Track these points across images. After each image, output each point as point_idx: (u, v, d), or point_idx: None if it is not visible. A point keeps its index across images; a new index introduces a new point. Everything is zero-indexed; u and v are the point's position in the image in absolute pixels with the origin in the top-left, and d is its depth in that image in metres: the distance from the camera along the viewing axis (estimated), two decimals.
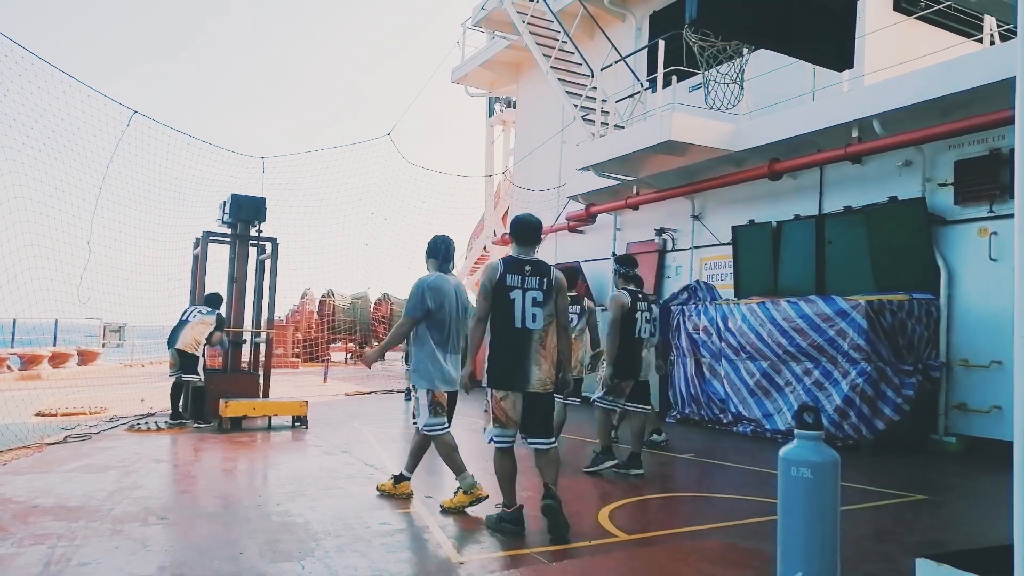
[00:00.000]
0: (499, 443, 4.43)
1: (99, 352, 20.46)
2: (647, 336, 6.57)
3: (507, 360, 4.35)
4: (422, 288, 5.05)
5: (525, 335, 4.35)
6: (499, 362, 4.37)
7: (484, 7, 15.48)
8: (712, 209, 11.30)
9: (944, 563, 2.37)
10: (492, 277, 4.42)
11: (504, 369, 4.36)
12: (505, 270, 4.40)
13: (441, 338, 5.07)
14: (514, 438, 4.45)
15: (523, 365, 4.34)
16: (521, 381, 4.35)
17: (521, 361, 4.34)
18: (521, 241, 4.58)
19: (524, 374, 4.34)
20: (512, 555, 3.97)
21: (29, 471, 5.90)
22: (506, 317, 4.36)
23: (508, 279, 4.37)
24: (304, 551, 3.96)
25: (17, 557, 3.74)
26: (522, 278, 4.38)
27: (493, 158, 20.54)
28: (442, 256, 5.25)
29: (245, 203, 9.60)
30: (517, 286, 4.36)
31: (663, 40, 10.48)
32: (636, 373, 6.43)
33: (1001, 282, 7.47)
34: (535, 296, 4.37)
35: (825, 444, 3.08)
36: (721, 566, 3.86)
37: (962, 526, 4.92)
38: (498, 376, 4.38)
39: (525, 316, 4.34)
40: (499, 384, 4.39)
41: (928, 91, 7.71)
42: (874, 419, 7.36)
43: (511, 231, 4.67)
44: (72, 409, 9.74)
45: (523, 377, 4.34)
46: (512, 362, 4.35)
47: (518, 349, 4.34)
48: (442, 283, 5.10)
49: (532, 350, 4.35)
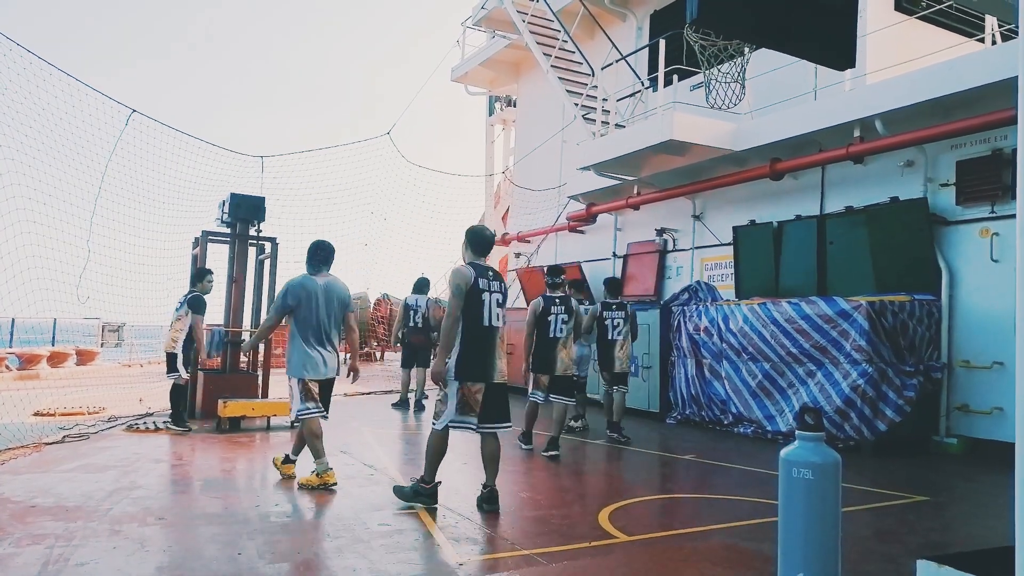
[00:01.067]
0: (456, 427, 4.89)
1: (98, 352, 20.43)
2: (563, 336, 7.24)
3: (478, 355, 4.85)
4: (285, 288, 5.76)
5: (492, 332, 4.91)
6: (471, 357, 4.85)
7: (484, 6, 15.47)
8: (713, 209, 11.28)
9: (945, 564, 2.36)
10: (467, 281, 4.87)
11: (476, 363, 4.85)
12: (477, 275, 4.90)
13: (308, 332, 5.65)
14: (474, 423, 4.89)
15: (491, 359, 4.89)
16: (490, 373, 4.88)
17: (489, 356, 4.88)
18: (477, 251, 5.08)
19: (492, 367, 4.89)
20: (512, 556, 3.95)
21: (27, 471, 5.88)
22: (477, 317, 4.86)
23: (480, 283, 4.88)
24: (303, 551, 3.94)
25: (15, 557, 3.72)
26: (488, 282, 4.92)
27: (493, 157, 20.53)
28: (312, 259, 5.89)
29: (244, 203, 9.57)
30: (486, 289, 4.90)
31: (664, 39, 10.46)
32: (552, 368, 7.22)
33: (1003, 283, 7.45)
34: (498, 299, 4.96)
35: (826, 445, 3.07)
36: (722, 567, 3.84)
37: (963, 527, 4.90)
38: (470, 370, 4.85)
39: (491, 316, 4.90)
40: (472, 377, 4.85)
41: (930, 91, 7.69)
42: (875, 420, 7.35)
43: (468, 241, 5.11)
44: (70, 409, 9.72)
45: (491, 370, 4.89)
46: (482, 357, 4.86)
47: (487, 345, 4.89)
48: (307, 283, 5.73)
49: (496, 346, 4.93)
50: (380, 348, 24.45)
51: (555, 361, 7.24)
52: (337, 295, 5.87)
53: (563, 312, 7.28)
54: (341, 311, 5.88)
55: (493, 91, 19.46)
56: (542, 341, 7.26)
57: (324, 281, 5.83)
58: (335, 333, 5.86)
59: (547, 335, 7.23)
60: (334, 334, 5.84)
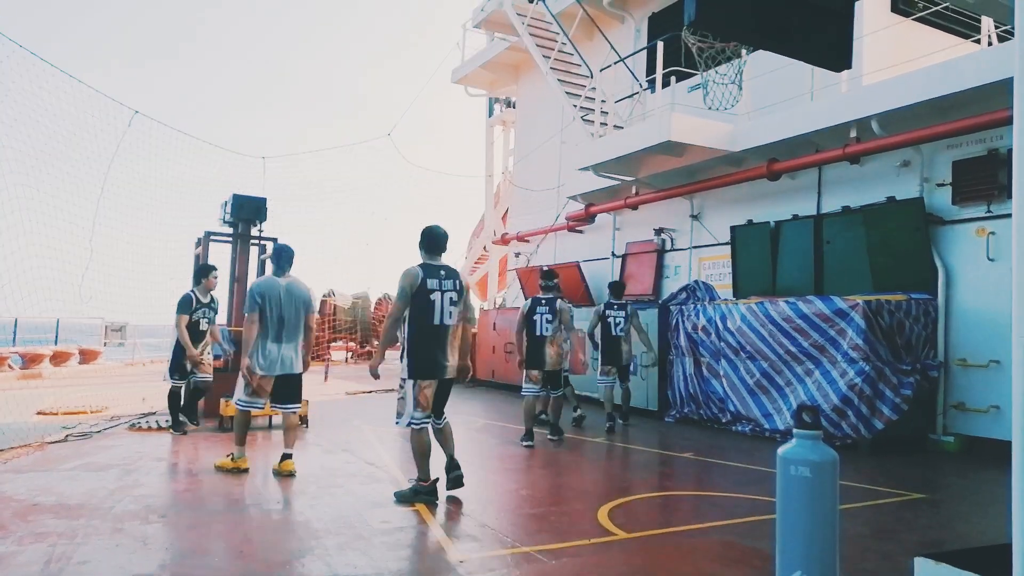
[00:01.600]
0: (418, 425, 5.06)
1: (100, 351, 20.45)
2: (548, 334, 7.85)
3: (429, 354, 5.02)
4: (251, 289, 6.14)
5: (443, 330, 5.05)
6: (423, 355, 5.02)
7: (484, 9, 15.51)
8: (711, 209, 11.32)
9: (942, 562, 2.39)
10: (413, 283, 5.00)
11: (428, 361, 5.03)
12: (425, 275, 5.02)
13: (266, 330, 5.99)
14: (430, 419, 5.14)
15: (442, 357, 5.05)
16: (440, 370, 5.06)
17: (440, 354, 5.04)
18: (430, 250, 5.19)
19: (443, 365, 5.07)
20: (512, 553, 3.98)
21: (30, 469, 5.92)
22: (427, 316, 5.01)
23: (429, 283, 5.00)
24: (305, 549, 3.97)
25: (18, 555, 3.75)
26: (439, 281, 5.05)
27: (493, 158, 20.55)
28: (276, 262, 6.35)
29: (246, 203, 9.60)
30: (436, 288, 5.02)
31: (662, 41, 10.50)
32: (542, 364, 7.81)
33: (999, 282, 7.49)
34: (451, 297, 5.07)
35: (824, 443, 3.10)
36: (720, 564, 3.88)
37: (960, 525, 4.93)
38: (423, 368, 5.03)
39: (443, 314, 5.03)
40: (425, 375, 5.03)
41: (926, 91, 7.73)
42: (872, 418, 7.38)
43: (421, 241, 5.23)
44: (73, 408, 9.74)
45: (442, 367, 5.06)
46: (433, 355, 5.02)
47: (437, 343, 5.04)
48: (270, 284, 6.13)
49: (447, 343, 5.07)
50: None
51: (543, 357, 7.86)
52: (301, 297, 6.23)
53: (548, 312, 7.88)
54: (304, 311, 6.21)
55: (493, 93, 19.48)
56: (531, 339, 7.90)
57: (287, 283, 6.19)
58: (297, 332, 6.17)
59: (534, 333, 7.89)
60: (296, 333, 6.16)
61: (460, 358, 5.21)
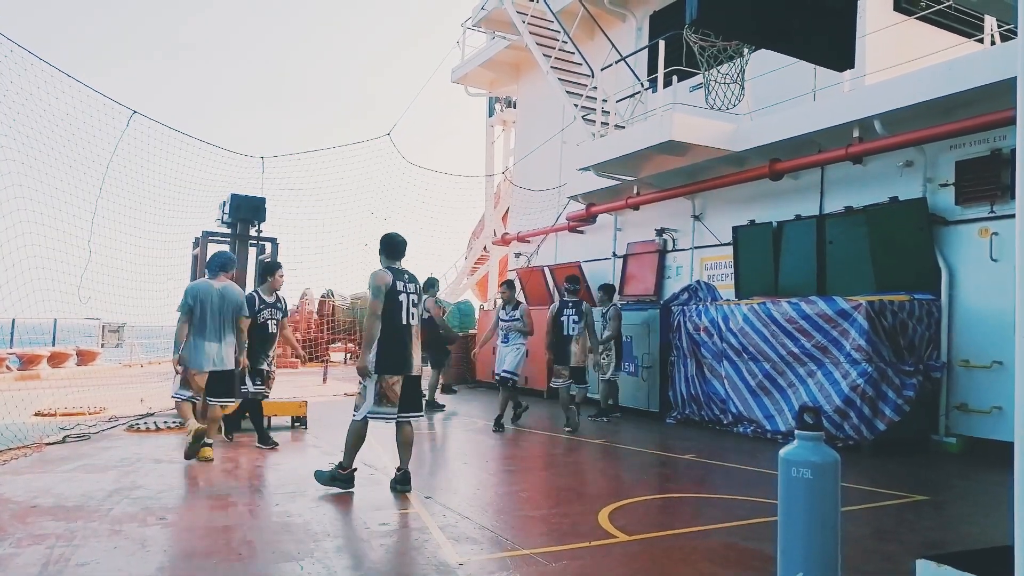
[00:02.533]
0: (375, 417, 5.37)
1: (98, 352, 20.42)
2: (575, 333, 8.92)
3: (396, 351, 5.33)
4: (186, 292, 6.60)
5: (408, 330, 5.39)
6: (391, 352, 5.32)
7: (484, 7, 15.48)
8: (713, 209, 11.29)
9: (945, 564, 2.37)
10: (387, 283, 5.34)
11: (394, 358, 5.33)
12: (395, 278, 5.37)
13: (200, 329, 6.48)
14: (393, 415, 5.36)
15: (407, 354, 5.37)
16: (407, 367, 5.37)
17: (406, 351, 5.36)
18: (390, 255, 5.53)
19: (409, 361, 5.38)
20: (512, 556, 3.96)
21: (28, 471, 5.90)
22: (394, 316, 5.34)
23: (397, 285, 5.36)
24: (303, 551, 3.95)
25: (15, 557, 3.73)
26: (404, 284, 5.41)
27: (493, 158, 20.54)
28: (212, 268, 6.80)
29: (245, 203, 9.59)
30: (403, 291, 5.38)
31: (663, 40, 10.46)
32: (568, 360, 8.91)
33: (1002, 282, 7.45)
34: (413, 299, 5.45)
35: (826, 445, 3.07)
36: (722, 566, 3.85)
37: (963, 527, 4.91)
38: (391, 364, 5.33)
39: (407, 315, 5.38)
40: (390, 370, 5.32)
41: (929, 91, 7.70)
42: (875, 420, 7.35)
43: (382, 247, 5.56)
44: (71, 409, 9.72)
45: (408, 363, 5.37)
46: (399, 352, 5.34)
47: (403, 341, 5.36)
48: (204, 287, 6.60)
49: (412, 341, 5.42)
50: None
51: (569, 354, 8.90)
52: (234, 300, 6.71)
53: (575, 314, 8.94)
54: (235, 313, 6.71)
55: (493, 92, 19.47)
56: (559, 338, 8.93)
57: (221, 286, 6.67)
58: (230, 332, 6.66)
59: (561, 333, 8.93)
60: (230, 331, 6.66)
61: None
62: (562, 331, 8.91)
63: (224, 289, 6.66)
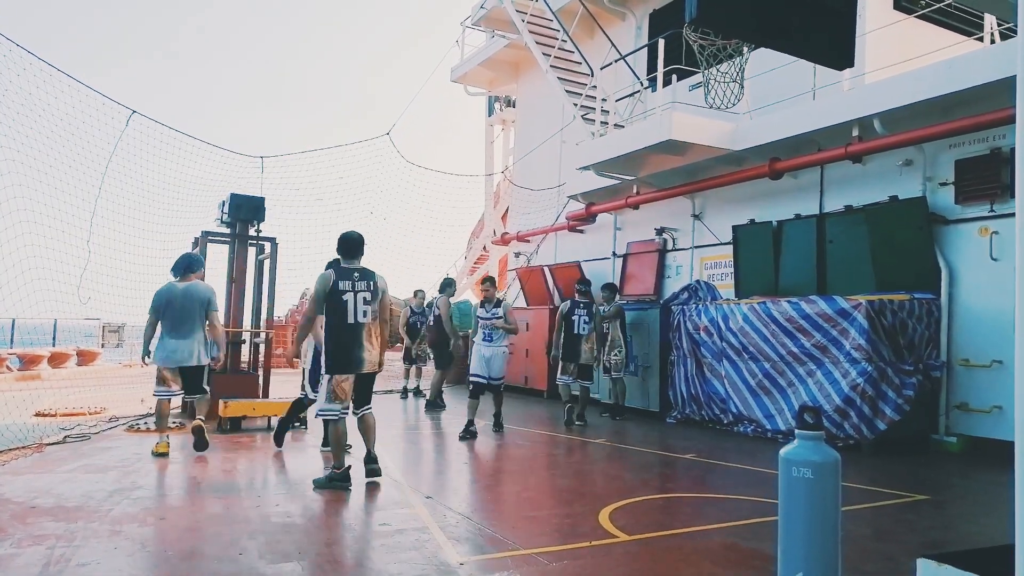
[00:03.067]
0: (326, 416, 5.47)
1: (99, 352, 20.42)
2: (585, 332, 9.35)
3: (344, 351, 5.36)
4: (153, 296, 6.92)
5: (357, 328, 5.37)
6: (338, 353, 5.38)
7: (484, 6, 15.46)
8: (712, 208, 11.28)
9: (945, 563, 2.36)
10: (325, 287, 5.36)
11: (343, 358, 5.37)
12: (337, 278, 5.38)
13: (167, 327, 6.79)
14: (342, 411, 5.46)
15: (357, 353, 5.37)
16: (356, 365, 5.39)
17: (355, 350, 5.36)
18: (345, 254, 5.56)
19: (358, 360, 5.39)
20: (512, 556, 3.96)
21: (28, 471, 5.89)
22: (341, 316, 5.35)
23: (340, 285, 5.35)
24: (303, 551, 3.95)
25: (16, 558, 3.72)
26: (352, 283, 5.37)
27: (493, 157, 20.51)
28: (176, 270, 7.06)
29: (244, 203, 9.57)
30: (349, 290, 5.35)
31: (663, 39, 10.45)
32: (578, 358, 9.34)
33: (1002, 281, 7.45)
34: (365, 296, 5.39)
35: (826, 444, 3.07)
36: (722, 566, 3.85)
37: (963, 526, 4.91)
38: (338, 364, 5.39)
39: (356, 313, 5.35)
40: (340, 370, 5.39)
41: (929, 90, 7.69)
42: (875, 419, 7.35)
43: (338, 247, 5.58)
44: (71, 409, 9.72)
45: (358, 362, 5.39)
46: (348, 352, 5.36)
47: (352, 341, 5.36)
48: (168, 288, 6.90)
49: (363, 339, 5.38)
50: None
51: (580, 352, 9.31)
52: (198, 297, 6.91)
53: (585, 314, 9.36)
54: (202, 310, 6.90)
55: (492, 91, 19.45)
56: (569, 336, 9.31)
57: (184, 285, 6.92)
58: (197, 328, 6.87)
59: (572, 331, 9.30)
60: (196, 329, 6.86)
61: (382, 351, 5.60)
62: (573, 330, 9.31)
63: (188, 288, 6.91)
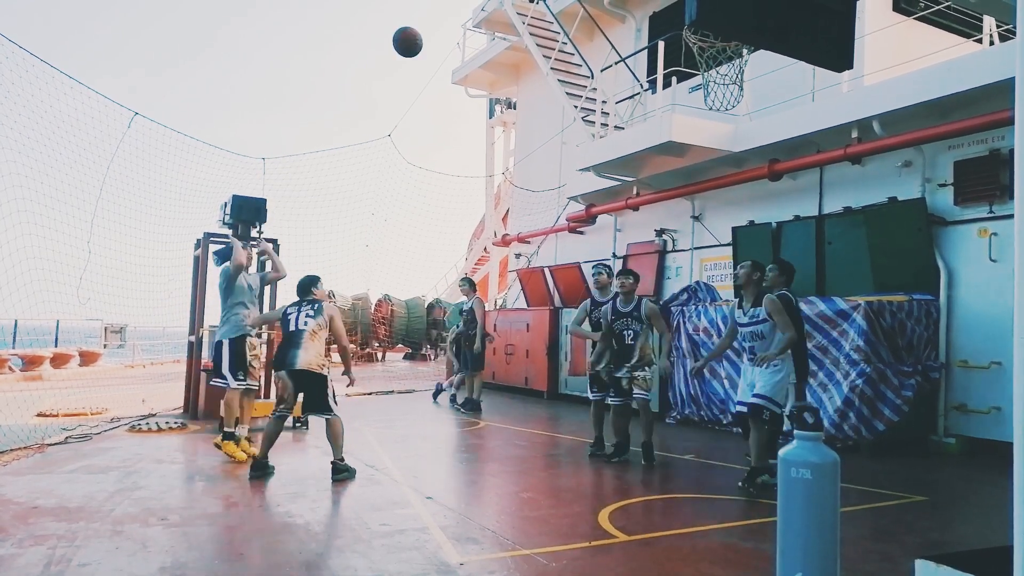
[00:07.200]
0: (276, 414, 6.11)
1: (100, 353, 20.44)
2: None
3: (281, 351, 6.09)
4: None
5: (296, 335, 6.07)
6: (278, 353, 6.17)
7: (484, 8, 15.50)
8: (712, 210, 11.30)
9: (943, 564, 2.37)
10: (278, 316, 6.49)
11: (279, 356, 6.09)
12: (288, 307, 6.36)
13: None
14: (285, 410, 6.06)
15: (292, 353, 5.96)
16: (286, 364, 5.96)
17: (291, 351, 5.98)
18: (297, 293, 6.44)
19: (292, 357, 5.95)
20: (512, 556, 3.97)
21: (30, 472, 5.91)
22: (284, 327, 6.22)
23: (288, 311, 6.28)
24: (304, 552, 3.96)
25: (17, 558, 3.74)
26: (298, 307, 6.24)
27: (493, 159, 20.56)
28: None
29: (246, 204, 9.55)
30: (292, 313, 6.22)
31: (663, 41, 10.48)
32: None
33: (1001, 283, 7.47)
34: (307, 312, 6.19)
35: (825, 445, 3.09)
36: (721, 566, 3.87)
37: (961, 527, 4.92)
38: (276, 361, 6.17)
39: (297, 323, 6.12)
40: (276, 367, 6.16)
41: (928, 92, 7.71)
42: (874, 420, 7.36)
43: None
44: (73, 410, 9.73)
45: (291, 360, 5.95)
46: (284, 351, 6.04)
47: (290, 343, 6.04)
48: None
49: (300, 344, 6.01)
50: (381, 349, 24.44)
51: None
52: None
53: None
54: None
55: (493, 93, 19.48)
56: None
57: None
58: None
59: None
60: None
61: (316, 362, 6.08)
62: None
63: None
